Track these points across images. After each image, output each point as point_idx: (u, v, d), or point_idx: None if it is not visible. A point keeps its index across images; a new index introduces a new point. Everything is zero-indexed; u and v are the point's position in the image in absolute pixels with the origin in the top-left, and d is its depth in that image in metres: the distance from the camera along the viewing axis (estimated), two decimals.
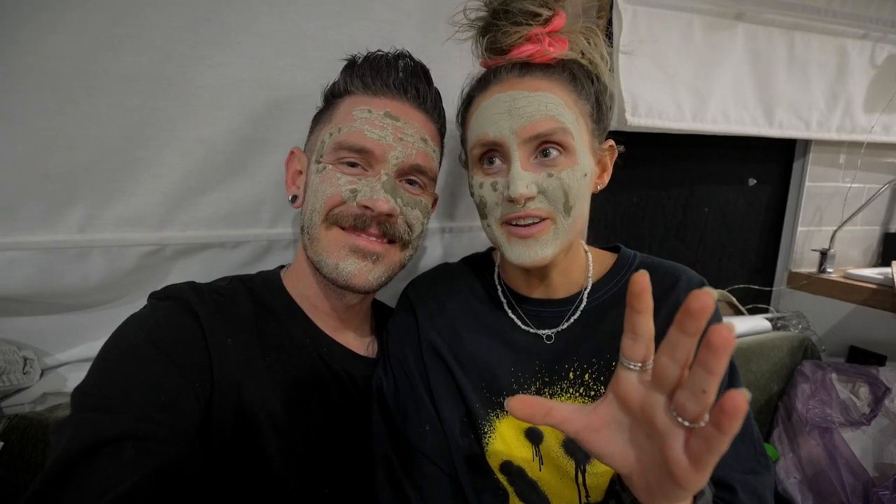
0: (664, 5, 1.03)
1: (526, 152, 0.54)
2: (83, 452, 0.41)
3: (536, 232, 0.55)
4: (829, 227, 1.45)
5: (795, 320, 1.41)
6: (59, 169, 0.67)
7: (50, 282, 0.69)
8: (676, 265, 0.63)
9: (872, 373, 1.08)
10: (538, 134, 0.53)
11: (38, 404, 0.73)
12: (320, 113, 0.66)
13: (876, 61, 1.29)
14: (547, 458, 0.59)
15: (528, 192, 0.53)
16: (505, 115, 0.54)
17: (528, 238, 0.55)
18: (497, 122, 0.54)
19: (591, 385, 0.59)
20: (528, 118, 0.53)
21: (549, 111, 0.53)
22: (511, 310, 0.65)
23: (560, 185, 0.54)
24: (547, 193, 0.54)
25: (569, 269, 0.63)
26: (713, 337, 0.28)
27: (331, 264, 0.58)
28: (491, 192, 0.57)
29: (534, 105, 0.53)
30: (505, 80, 0.57)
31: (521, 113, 0.53)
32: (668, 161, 1.28)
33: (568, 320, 0.63)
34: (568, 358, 0.61)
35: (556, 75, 0.56)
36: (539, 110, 0.53)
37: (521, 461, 0.59)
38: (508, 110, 0.54)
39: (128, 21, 0.66)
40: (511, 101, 0.54)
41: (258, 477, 0.52)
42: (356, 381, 0.65)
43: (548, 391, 0.60)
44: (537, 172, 0.54)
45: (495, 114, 0.55)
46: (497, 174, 0.57)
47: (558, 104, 0.54)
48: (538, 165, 0.55)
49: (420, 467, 0.59)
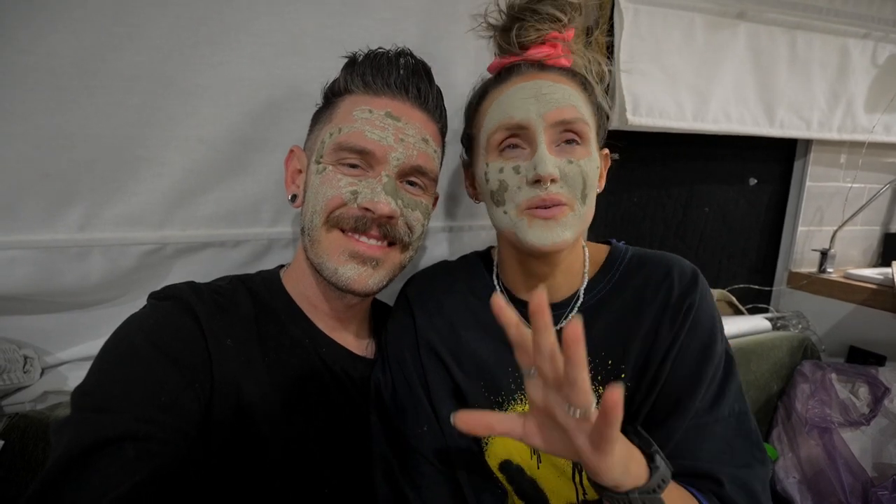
0: (665, 4, 1.03)
1: (550, 138, 0.55)
2: (83, 452, 0.41)
3: (559, 213, 0.55)
4: (830, 227, 1.45)
5: (795, 320, 1.41)
6: (60, 168, 0.67)
7: (50, 280, 0.69)
8: (668, 256, 0.63)
9: (872, 373, 1.08)
10: (564, 119, 0.55)
11: (39, 403, 0.73)
12: (320, 111, 0.65)
13: (878, 61, 1.28)
14: (545, 458, 0.59)
15: (555, 173, 0.54)
16: (532, 100, 0.56)
17: (549, 220, 0.55)
18: (524, 106, 0.56)
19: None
20: (555, 104, 0.55)
21: (572, 101, 0.56)
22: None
23: (580, 171, 0.55)
24: (568, 179, 0.55)
25: (570, 267, 0.63)
26: (565, 334, 0.35)
27: (331, 268, 0.58)
28: (513, 176, 0.56)
29: (559, 93, 0.56)
30: (526, 73, 0.59)
31: (548, 99, 0.55)
32: (668, 160, 1.28)
33: (567, 317, 0.63)
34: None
35: (571, 77, 0.60)
36: (564, 98, 0.56)
37: (520, 460, 0.60)
38: (535, 95, 0.56)
39: (128, 20, 0.66)
40: (537, 88, 0.56)
41: (257, 477, 0.53)
42: (355, 382, 0.65)
43: None
44: (559, 157, 0.55)
45: (521, 98, 0.56)
46: (519, 158, 0.57)
47: (578, 98, 0.58)
48: (559, 152, 0.56)
49: (418, 467, 0.60)
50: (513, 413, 0.54)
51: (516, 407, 0.60)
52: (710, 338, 0.57)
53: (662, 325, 0.57)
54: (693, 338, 0.56)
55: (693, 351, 0.56)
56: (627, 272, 0.62)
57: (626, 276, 0.62)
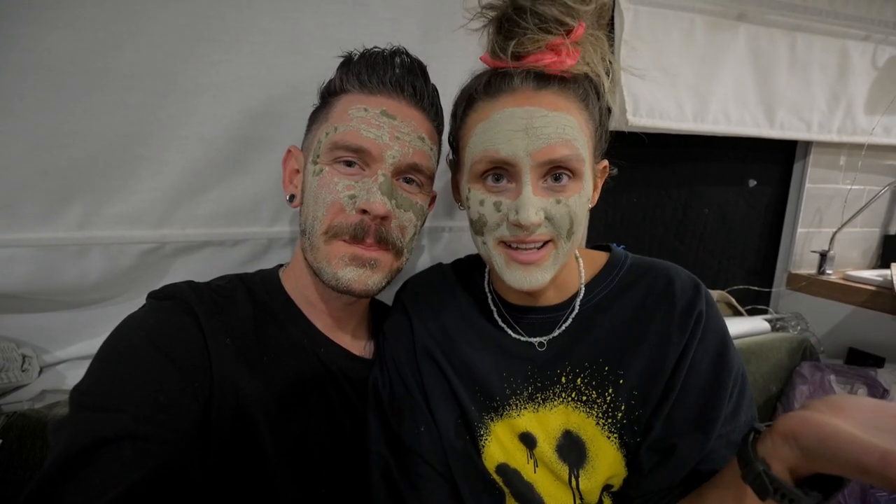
0: (666, 5, 1.03)
1: (537, 176, 0.51)
2: (82, 452, 0.41)
3: (538, 259, 0.53)
4: (829, 229, 1.45)
5: (794, 321, 1.41)
6: (59, 166, 0.67)
7: (49, 279, 0.69)
8: (668, 266, 0.61)
9: (871, 374, 1.08)
10: (553, 159, 0.50)
11: (37, 402, 0.73)
12: (317, 111, 0.65)
13: (877, 63, 1.29)
14: (541, 462, 0.59)
15: (537, 220, 0.50)
16: (521, 134, 0.50)
17: (529, 265, 0.53)
18: (511, 140, 0.50)
19: (584, 389, 0.58)
20: (545, 140, 0.50)
21: (567, 135, 0.50)
22: (501, 318, 0.64)
23: (567, 211, 0.52)
24: (554, 220, 0.52)
25: (562, 281, 0.62)
26: None
27: (330, 273, 0.58)
28: (493, 212, 0.53)
29: (552, 127, 0.50)
30: (519, 92, 0.52)
31: (538, 134, 0.50)
32: (668, 161, 1.28)
33: (560, 327, 0.61)
34: (560, 363, 0.60)
35: (571, 91, 0.52)
36: (557, 133, 0.50)
37: (517, 464, 0.59)
38: (525, 128, 0.50)
39: (128, 18, 0.66)
40: (528, 119, 0.50)
41: (256, 477, 0.52)
42: (353, 382, 0.65)
43: (540, 396, 0.60)
44: (546, 197, 0.52)
45: (509, 130, 0.51)
46: (502, 193, 0.53)
47: (574, 127, 0.51)
48: (547, 190, 0.52)
49: (416, 468, 0.60)
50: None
51: (511, 412, 0.60)
52: (723, 346, 0.56)
53: (672, 333, 0.55)
54: (706, 347, 0.55)
55: (708, 360, 0.55)
56: (627, 279, 0.61)
57: (626, 283, 0.61)
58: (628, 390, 0.56)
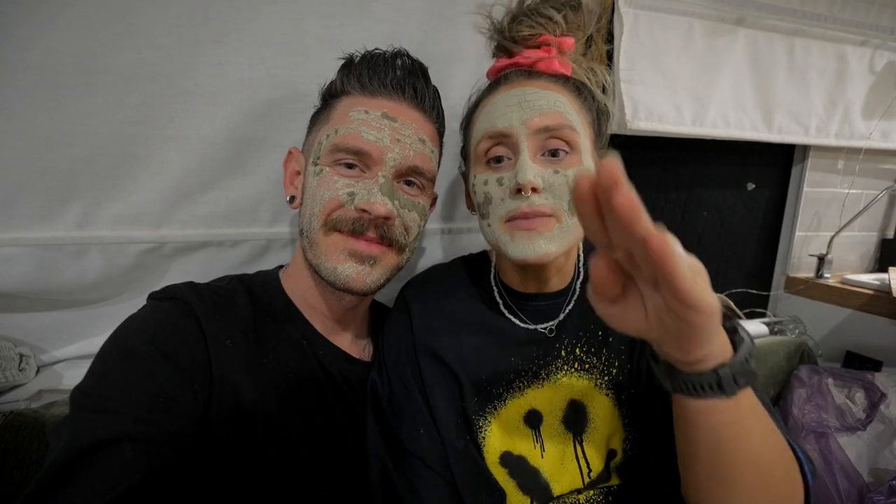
0: (665, 9, 1.03)
1: (534, 146, 0.55)
2: (82, 453, 0.41)
3: (541, 225, 0.54)
4: (827, 233, 1.45)
5: (792, 325, 1.41)
6: (58, 165, 0.67)
7: (47, 278, 0.69)
8: None
9: (868, 378, 1.08)
10: (547, 126, 0.54)
11: (34, 401, 0.72)
12: (317, 113, 0.65)
13: (875, 68, 1.29)
14: (548, 441, 0.60)
15: (535, 181, 0.53)
16: (515, 107, 0.55)
17: (531, 231, 0.54)
18: (507, 114, 0.56)
19: (584, 358, 0.62)
20: (538, 110, 0.54)
21: (558, 107, 0.55)
22: (508, 310, 0.65)
23: (566, 181, 0.54)
24: (553, 189, 0.54)
25: (564, 267, 0.65)
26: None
27: (329, 268, 0.58)
28: (497, 188, 0.56)
29: (544, 99, 0.55)
30: (514, 81, 0.59)
31: (531, 105, 0.55)
32: (666, 165, 1.28)
33: (564, 310, 0.64)
34: (559, 339, 0.63)
35: (563, 83, 0.58)
36: (549, 104, 0.55)
37: (522, 450, 0.60)
38: (518, 102, 0.55)
39: (128, 18, 0.66)
40: (522, 95, 0.56)
41: (254, 478, 0.52)
42: (351, 384, 0.65)
43: (544, 372, 0.62)
44: (545, 168, 0.55)
45: (505, 106, 0.56)
46: (504, 170, 0.57)
47: (566, 104, 0.56)
48: (545, 162, 0.55)
49: (415, 470, 0.59)
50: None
51: (516, 394, 0.61)
52: None
53: None
54: None
55: None
56: None
57: None
58: (618, 346, 0.61)
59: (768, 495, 0.43)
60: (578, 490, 0.59)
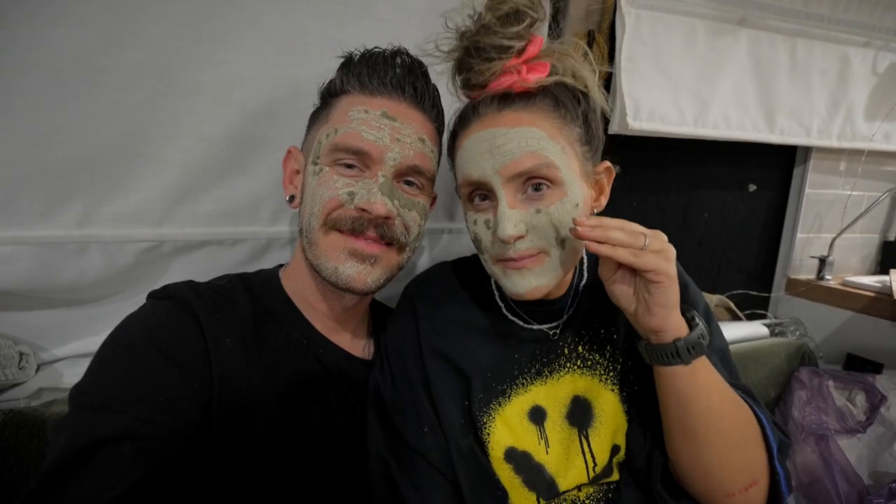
0: (667, 10, 1.03)
1: (512, 189, 0.54)
2: (81, 452, 0.41)
3: (529, 263, 0.55)
4: (829, 235, 1.45)
5: (793, 327, 1.41)
6: (59, 164, 0.67)
7: (47, 277, 0.69)
8: None
9: (869, 380, 1.08)
10: (520, 172, 0.52)
11: (34, 399, 0.72)
12: (317, 112, 0.65)
13: (878, 69, 1.29)
14: (552, 437, 0.60)
15: (516, 233, 0.52)
16: (486, 155, 0.53)
17: (522, 269, 0.55)
18: (479, 163, 0.54)
19: (587, 356, 0.63)
20: (508, 156, 0.52)
21: (531, 147, 0.52)
22: (511, 312, 0.66)
23: (549, 220, 0.53)
24: (537, 230, 0.54)
25: (564, 278, 0.63)
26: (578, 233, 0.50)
27: (330, 268, 0.58)
28: (485, 230, 0.57)
29: (514, 142, 0.52)
30: (485, 116, 0.55)
31: (501, 151, 0.52)
32: (668, 165, 1.28)
33: (568, 311, 0.65)
34: (561, 337, 0.64)
35: (538, 104, 0.54)
36: (520, 147, 0.52)
37: (527, 445, 0.60)
38: (489, 149, 0.53)
39: (130, 17, 0.66)
40: (491, 140, 0.53)
41: (254, 477, 0.52)
42: (352, 383, 0.65)
43: (547, 370, 0.63)
44: (525, 209, 0.53)
45: (476, 153, 0.54)
46: (488, 211, 0.57)
47: (541, 138, 0.53)
48: (526, 201, 0.54)
49: (417, 468, 0.59)
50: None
51: (520, 391, 0.62)
52: (683, 284, 0.60)
53: None
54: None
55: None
56: None
57: None
58: (622, 342, 0.63)
59: (730, 453, 0.52)
60: (580, 486, 0.59)
